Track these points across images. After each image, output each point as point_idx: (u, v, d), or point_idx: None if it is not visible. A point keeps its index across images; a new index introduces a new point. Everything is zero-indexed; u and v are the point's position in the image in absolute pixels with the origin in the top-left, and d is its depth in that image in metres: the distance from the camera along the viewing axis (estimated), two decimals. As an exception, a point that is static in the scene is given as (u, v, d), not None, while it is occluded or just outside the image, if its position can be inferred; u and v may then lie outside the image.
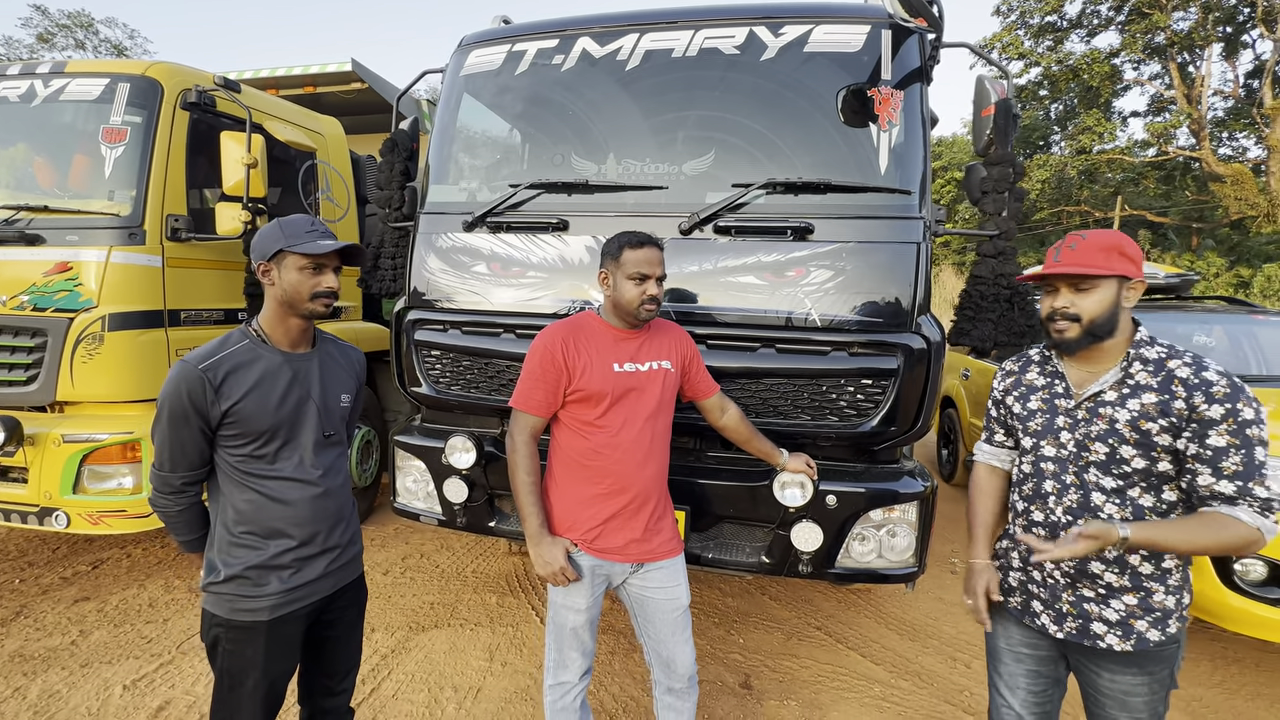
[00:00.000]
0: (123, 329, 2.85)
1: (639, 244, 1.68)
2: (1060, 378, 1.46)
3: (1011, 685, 1.55)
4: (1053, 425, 1.44)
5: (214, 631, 1.41)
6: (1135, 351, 1.37)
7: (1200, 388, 1.27)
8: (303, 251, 1.38)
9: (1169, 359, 1.34)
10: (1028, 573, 1.50)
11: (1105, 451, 1.35)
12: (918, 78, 2.35)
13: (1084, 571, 1.38)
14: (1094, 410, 1.38)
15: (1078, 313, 1.35)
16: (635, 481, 1.67)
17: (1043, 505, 1.44)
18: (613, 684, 2.59)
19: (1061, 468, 1.41)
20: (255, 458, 1.40)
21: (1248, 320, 3.86)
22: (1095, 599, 1.38)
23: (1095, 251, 1.33)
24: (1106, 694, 1.40)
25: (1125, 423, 1.33)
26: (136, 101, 2.98)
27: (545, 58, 2.60)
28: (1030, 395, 1.51)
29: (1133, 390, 1.34)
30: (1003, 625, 1.57)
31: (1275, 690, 2.69)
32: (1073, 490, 1.39)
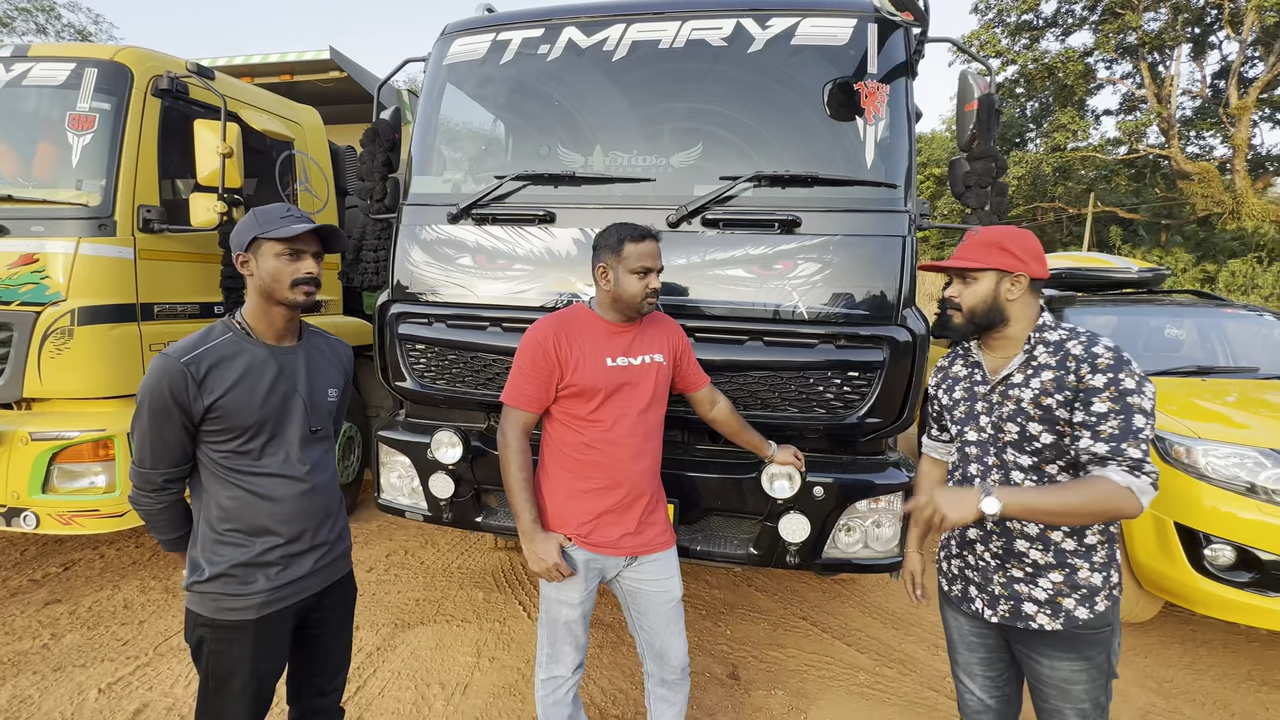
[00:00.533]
0: (93, 323, 2.76)
1: (640, 237, 1.66)
2: (979, 366, 1.55)
3: (970, 672, 1.61)
4: (973, 411, 1.52)
5: (199, 632, 1.38)
6: (1038, 335, 1.45)
7: (1087, 360, 1.35)
8: (276, 236, 1.34)
9: (1068, 340, 1.42)
10: (963, 558, 1.55)
11: (1017, 431, 1.43)
12: (903, 72, 2.36)
13: (1011, 551, 1.44)
14: (1005, 393, 1.46)
15: (960, 302, 1.47)
16: (629, 476, 1.67)
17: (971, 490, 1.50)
18: (602, 677, 2.60)
19: (983, 450, 1.49)
20: (240, 454, 1.37)
21: (1216, 314, 3.97)
22: (1024, 578, 1.43)
23: (977, 247, 1.44)
24: (1048, 683, 1.45)
25: (1029, 400, 1.41)
26: (105, 88, 2.88)
27: (530, 47, 2.57)
28: (955, 385, 1.60)
29: (1035, 370, 1.43)
30: (953, 616, 1.62)
31: (1241, 670, 2.79)
32: (995, 471, 1.46)
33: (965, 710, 1.67)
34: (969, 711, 1.66)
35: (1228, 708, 2.52)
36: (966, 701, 1.65)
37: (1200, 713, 2.49)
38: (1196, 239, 19.69)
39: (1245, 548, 2.48)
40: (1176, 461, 2.69)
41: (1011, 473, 1.44)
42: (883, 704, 2.50)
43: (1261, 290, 13.90)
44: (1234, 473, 2.55)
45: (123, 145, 2.87)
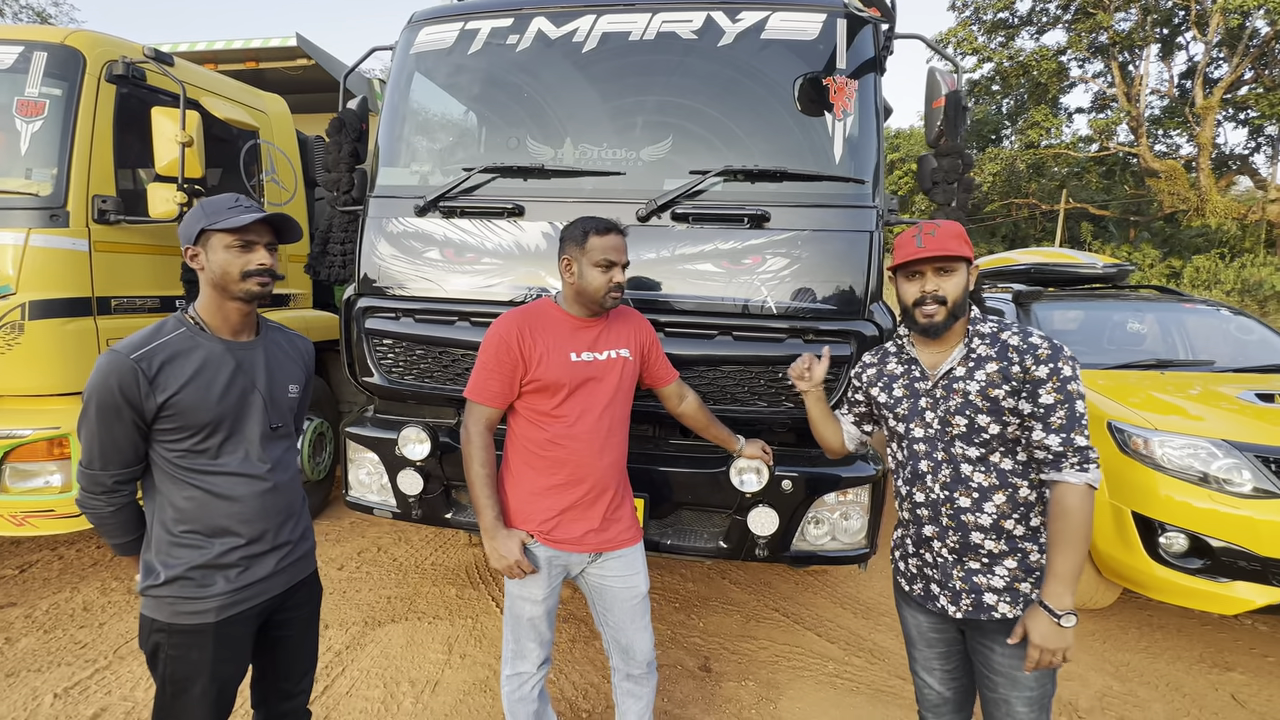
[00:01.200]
0: (45, 317, 2.66)
1: (604, 230, 1.65)
2: (915, 363, 1.56)
3: (928, 667, 1.64)
4: (917, 407, 1.53)
5: (154, 638, 1.33)
6: (973, 329, 1.50)
7: (1029, 351, 1.40)
8: (225, 227, 1.30)
9: (1000, 331, 1.47)
10: (921, 556, 1.57)
11: (965, 423, 1.45)
12: (872, 68, 2.38)
13: (967, 544, 1.47)
14: (949, 387, 1.48)
15: (944, 295, 1.45)
16: (592, 471, 1.66)
17: (922, 485, 1.52)
18: (574, 672, 2.60)
19: (931, 446, 1.50)
20: (196, 452, 1.33)
21: (1177, 308, 4.08)
22: (981, 569, 1.46)
23: (952, 238, 1.44)
24: (999, 672, 1.47)
25: (976, 393, 1.44)
26: (55, 72, 2.77)
27: (499, 37, 2.53)
28: (893, 384, 1.60)
29: (977, 362, 1.46)
30: (910, 614, 1.64)
31: (1194, 653, 2.89)
32: (944, 466, 1.48)
33: (924, 704, 1.69)
34: (928, 705, 1.68)
35: (1180, 689, 2.61)
36: (925, 695, 1.68)
37: (1153, 695, 2.58)
38: (1163, 235, 20.23)
39: (1198, 535, 2.56)
40: (1135, 453, 2.77)
41: (960, 465, 1.46)
42: (851, 692, 2.54)
43: (1224, 285, 14.33)
44: (1188, 463, 2.63)
45: (75, 133, 2.76)
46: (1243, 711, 2.49)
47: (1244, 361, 3.56)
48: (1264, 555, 2.44)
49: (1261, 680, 2.68)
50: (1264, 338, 3.81)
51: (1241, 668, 2.77)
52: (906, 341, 1.60)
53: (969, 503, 1.45)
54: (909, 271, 1.49)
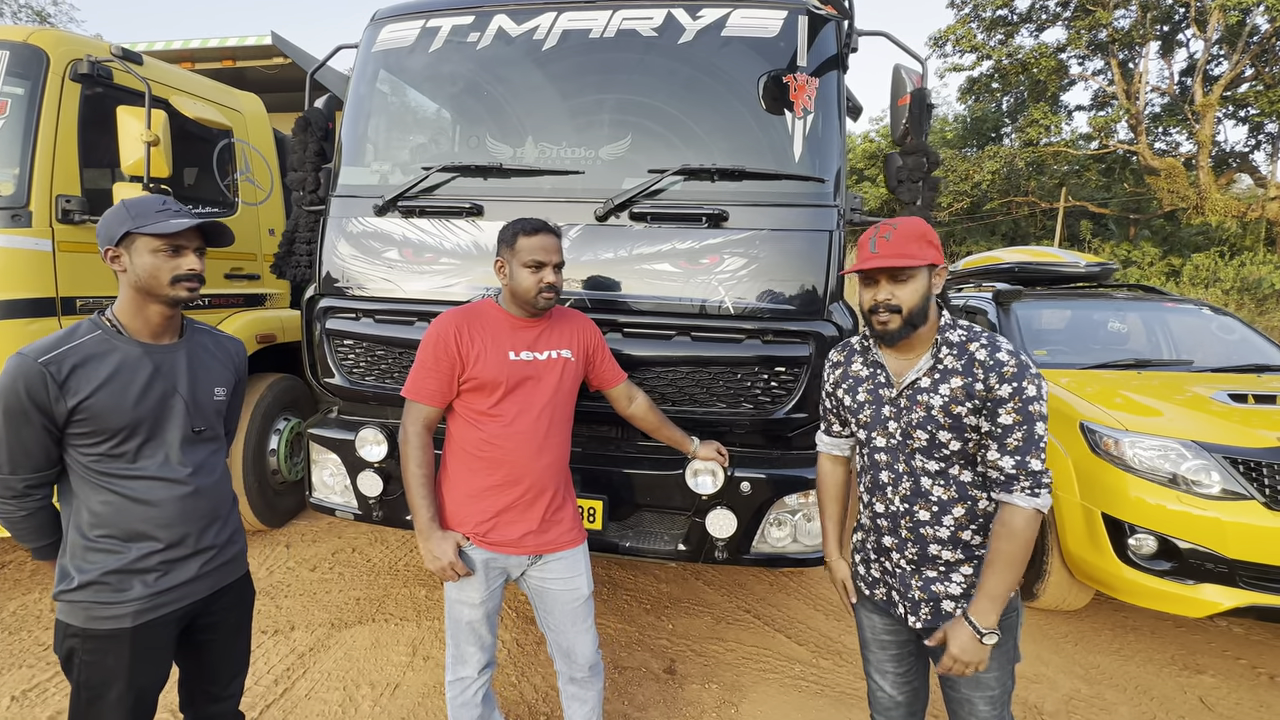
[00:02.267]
0: (7, 318, 2.65)
1: (533, 231, 1.63)
2: (881, 367, 1.48)
3: (880, 670, 1.62)
4: (880, 415, 1.46)
5: (69, 643, 1.32)
6: (942, 337, 1.40)
7: (995, 368, 1.32)
8: (155, 232, 1.28)
9: (969, 341, 1.38)
10: (881, 564, 1.54)
11: (926, 438, 1.39)
12: (834, 65, 2.36)
13: (925, 555, 1.44)
14: (912, 398, 1.41)
15: (899, 303, 1.36)
16: (529, 472, 1.64)
17: (882, 496, 1.48)
18: (535, 674, 2.58)
19: (893, 457, 1.45)
20: (112, 456, 1.31)
21: (1159, 308, 4.05)
22: (938, 577, 1.44)
23: (909, 241, 1.34)
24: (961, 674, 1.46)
25: (939, 408, 1.37)
26: (17, 71, 2.75)
27: (460, 35, 2.51)
28: (858, 387, 1.53)
29: (943, 375, 1.38)
30: (866, 616, 1.62)
31: (1166, 655, 2.86)
32: (905, 479, 1.44)
33: (877, 707, 1.68)
34: (880, 708, 1.67)
35: (1148, 692, 2.59)
36: (878, 699, 1.66)
37: (1121, 698, 2.55)
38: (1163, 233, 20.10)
39: (1166, 537, 2.53)
40: (1105, 454, 2.74)
41: (920, 479, 1.42)
42: (816, 695, 2.52)
43: (1223, 284, 14.23)
44: (1158, 464, 2.60)
45: (38, 132, 2.75)
46: (1210, 715, 2.46)
47: (1223, 361, 3.53)
48: (1231, 557, 2.41)
49: (1231, 683, 2.65)
50: (1244, 337, 3.78)
51: (1212, 670, 2.74)
52: (873, 343, 1.51)
53: (928, 516, 1.42)
54: (865, 278, 1.41)
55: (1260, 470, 2.46)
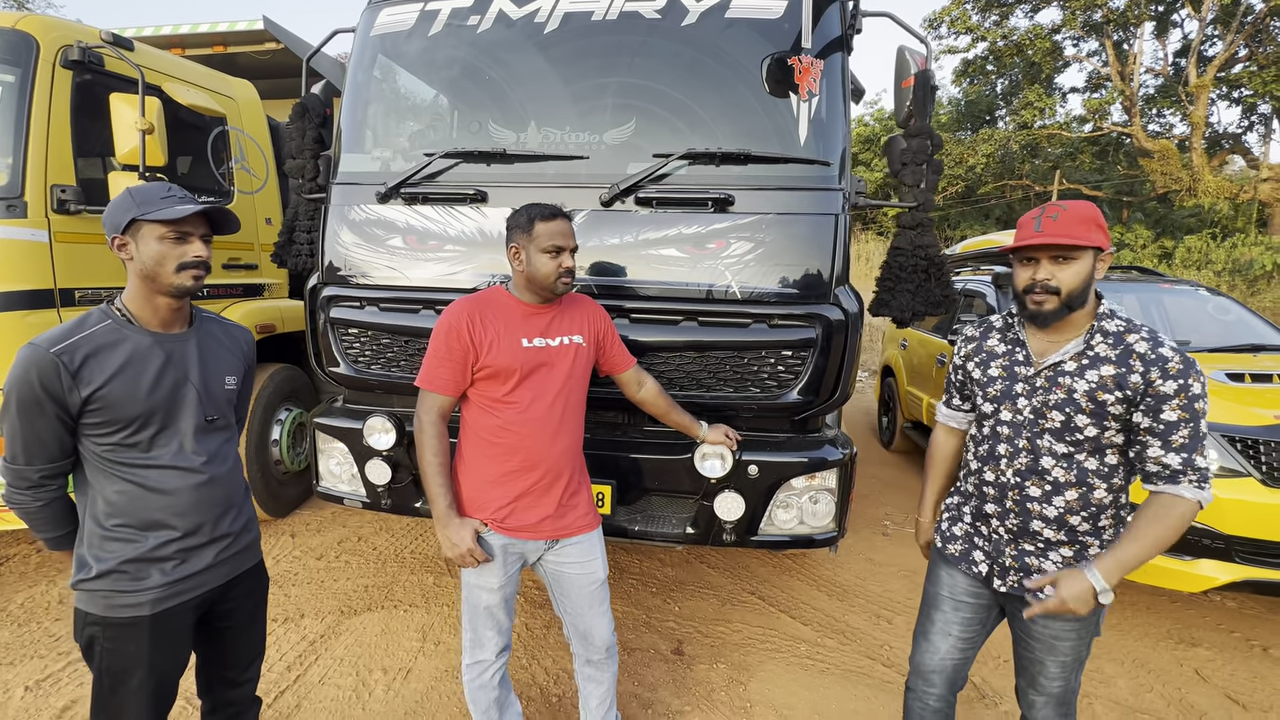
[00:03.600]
0: (6, 310, 2.63)
1: (550, 216, 1.63)
2: (1021, 345, 1.47)
3: (945, 631, 1.61)
4: (1011, 391, 1.46)
5: (89, 631, 1.33)
6: (1098, 324, 1.38)
7: (1157, 364, 1.30)
8: (160, 219, 1.27)
9: (1128, 333, 1.36)
10: (975, 528, 1.56)
11: (1061, 420, 1.38)
12: (838, 47, 2.34)
13: (1027, 529, 1.44)
14: (1053, 379, 1.40)
15: (1058, 285, 1.33)
16: (545, 457, 1.65)
17: (995, 466, 1.49)
18: (545, 658, 2.62)
19: (1016, 432, 1.45)
20: (127, 446, 1.31)
21: (1156, 289, 4.08)
22: (1035, 552, 1.44)
23: (1076, 223, 1.31)
24: (1037, 639, 1.49)
25: (1083, 393, 1.35)
26: (7, 58, 2.70)
27: (460, 18, 2.47)
28: (990, 362, 1.52)
29: (1092, 362, 1.36)
30: (948, 573, 1.62)
31: (1161, 629, 2.92)
32: (1024, 455, 1.43)
33: (921, 669, 1.66)
34: (924, 671, 1.65)
35: (1145, 665, 2.65)
36: (926, 661, 1.64)
37: (1120, 670, 2.61)
38: (1156, 216, 20.17)
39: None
40: (1105, 433, 2.77)
41: (1041, 457, 1.41)
42: (821, 674, 2.57)
43: (1215, 265, 14.31)
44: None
45: (30, 120, 2.70)
46: (1205, 686, 2.52)
47: (1220, 341, 3.57)
48: (1228, 533, 2.46)
49: (1225, 655, 2.72)
50: (1240, 318, 3.82)
51: (1207, 643, 2.81)
52: (1017, 321, 1.49)
53: (1039, 493, 1.42)
54: (1023, 256, 1.38)
55: (1258, 448, 2.50)
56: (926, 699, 1.67)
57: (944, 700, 1.67)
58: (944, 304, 2.46)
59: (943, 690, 1.66)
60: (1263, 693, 2.48)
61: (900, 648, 2.74)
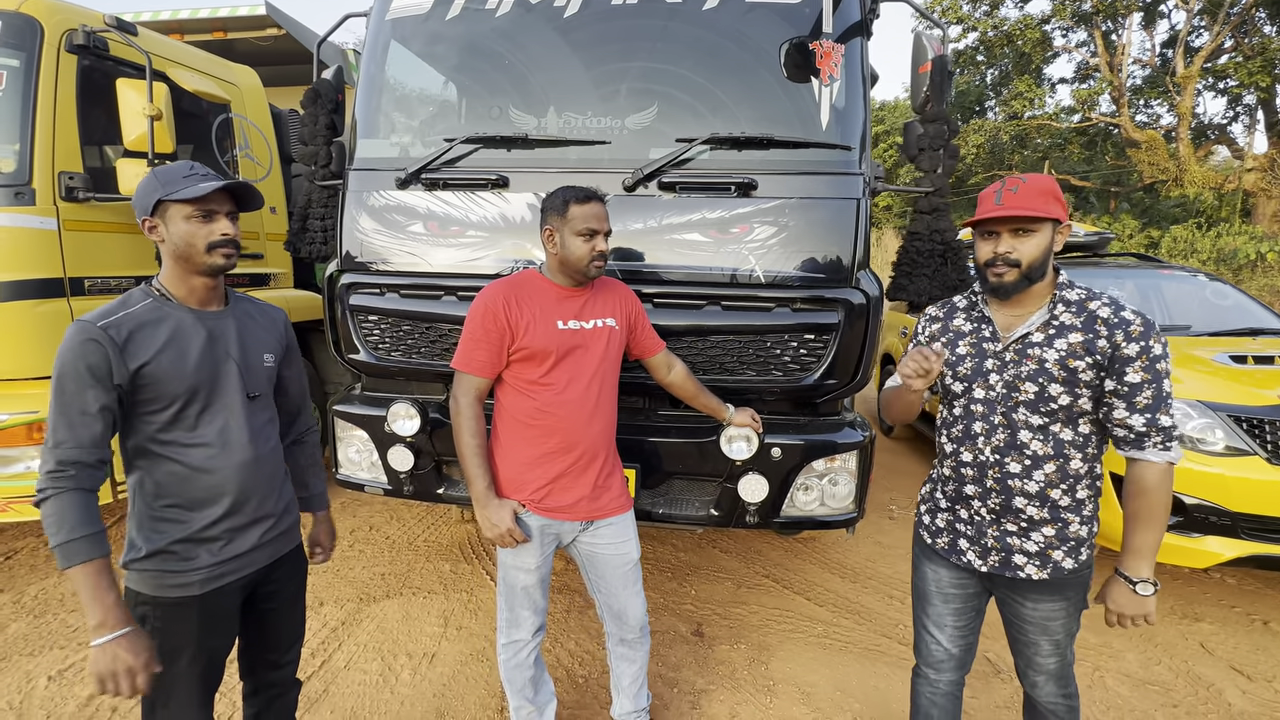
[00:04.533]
0: (15, 299, 2.59)
1: (585, 199, 1.63)
2: (988, 322, 1.50)
3: (940, 623, 1.64)
4: (982, 368, 1.48)
5: (140, 610, 1.33)
6: (1059, 294, 1.42)
7: (1120, 326, 1.34)
8: (183, 198, 1.26)
9: (1089, 300, 1.40)
10: (954, 512, 1.57)
11: (1034, 390, 1.40)
12: (858, 32, 2.35)
13: (1009, 507, 1.46)
14: (1022, 351, 1.42)
15: (1018, 257, 1.37)
16: (583, 438, 1.67)
17: (972, 446, 1.50)
18: (569, 640, 2.64)
19: (990, 409, 1.46)
20: (173, 425, 1.31)
21: (1155, 275, 4.15)
22: (1017, 532, 1.46)
23: (1035, 195, 1.35)
24: (1029, 621, 1.51)
25: (1054, 361, 1.38)
26: (11, 42, 2.64)
27: (477, 2, 2.45)
28: (958, 341, 1.54)
29: (1059, 330, 1.39)
30: (932, 569, 1.64)
31: (1165, 605, 3.00)
32: (1000, 430, 1.45)
33: (927, 660, 1.69)
34: (931, 661, 1.68)
35: (1152, 640, 2.72)
36: (931, 651, 1.67)
37: (1127, 645, 2.68)
38: (1142, 206, 20.42)
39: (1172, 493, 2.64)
40: (1113, 415, 2.83)
41: (1019, 431, 1.43)
42: (840, 652, 2.62)
43: (1200, 255, 14.54)
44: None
45: (36, 106, 2.65)
46: (1211, 659, 2.60)
47: (1219, 325, 3.64)
48: (1234, 510, 2.53)
49: (1228, 629, 2.80)
50: (1238, 302, 3.90)
51: (1210, 618, 2.89)
52: (980, 299, 1.52)
53: (1019, 469, 1.43)
54: (984, 230, 1.42)
55: (1263, 427, 2.56)
56: (936, 684, 1.69)
57: (953, 684, 1.69)
58: (961, 288, 2.49)
59: (951, 675, 1.68)
60: (1266, 664, 2.56)
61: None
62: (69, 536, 1.17)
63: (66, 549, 1.17)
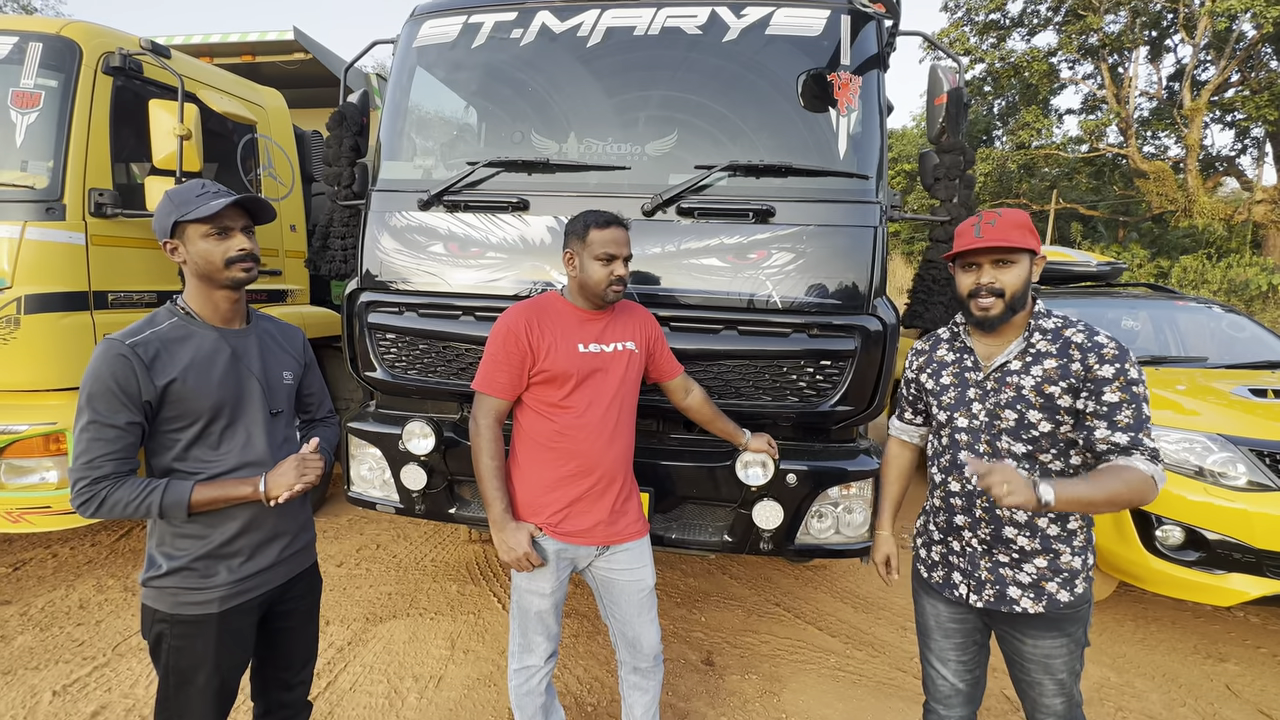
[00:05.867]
0: (41, 311, 2.63)
1: (605, 224, 1.65)
2: (969, 352, 1.53)
3: (943, 658, 1.63)
4: (964, 397, 1.51)
5: (157, 628, 1.33)
6: (1035, 323, 1.45)
7: (1093, 350, 1.36)
8: (197, 217, 1.29)
9: (1064, 328, 1.43)
10: (947, 544, 1.57)
11: (1014, 418, 1.43)
12: (875, 64, 2.39)
13: (999, 538, 1.46)
14: (1001, 380, 1.45)
15: (1001, 287, 1.40)
16: (602, 462, 1.66)
17: (959, 475, 1.52)
18: (577, 666, 2.60)
19: (974, 438, 1.48)
20: (198, 441, 1.32)
21: (1169, 306, 4.14)
22: (1010, 564, 1.46)
23: (1012, 228, 1.40)
24: (1030, 659, 1.49)
25: (1030, 388, 1.41)
26: (51, 64, 2.73)
27: (503, 31, 2.52)
28: (942, 371, 1.58)
29: (1035, 358, 1.42)
30: (930, 604, 1.64)
31: (1188, 644, 2.93)
32: (986, 460, 1.46)
33: (935, 695, 1.68)
34: (939, 696, 1.67)
35: (1176, 680, 2.65)
36: (937, 686, 1.66)
37: (1150, 685, 2.61)
38: (1151, 235, 20.43)
39: (1193, 528, 2.59)
40: (1131, 447, 2.80)
41: (1004, 460, 1.43)
42: (853, 685, 2.56)
43: (1211, 285, 14.49)
44: (1184, 457, 2.67)
45: (71, 125, 2.73)
46: (1237, 701, 2.53)
47: (1236, 358, 3.61)
48: (1258, 547, 2.48)
49: (1255, 670, 2.73)
50: (1255, 334, 3.87)
51: (1235, 659, 2.81)
52: (962, 330, 1.56)
53: None
54: (966, 262, 1.45)
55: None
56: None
57: (965, 719, 1.67)
58: (976, 316, 2.50)
59: (962, 711, 1.66)
60: (1294, 708, 2.49)
61: (930, 660, 2.74)
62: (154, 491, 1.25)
63: (166, 498, 1.25)
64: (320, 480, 1.38)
